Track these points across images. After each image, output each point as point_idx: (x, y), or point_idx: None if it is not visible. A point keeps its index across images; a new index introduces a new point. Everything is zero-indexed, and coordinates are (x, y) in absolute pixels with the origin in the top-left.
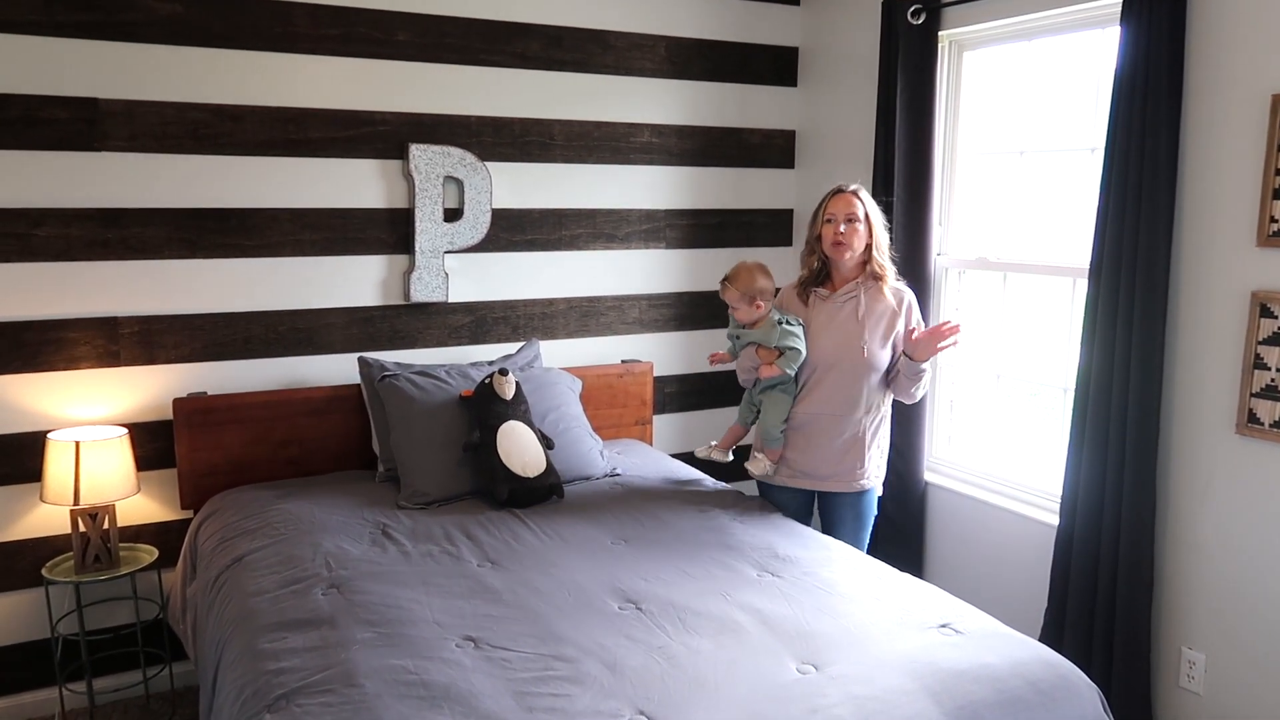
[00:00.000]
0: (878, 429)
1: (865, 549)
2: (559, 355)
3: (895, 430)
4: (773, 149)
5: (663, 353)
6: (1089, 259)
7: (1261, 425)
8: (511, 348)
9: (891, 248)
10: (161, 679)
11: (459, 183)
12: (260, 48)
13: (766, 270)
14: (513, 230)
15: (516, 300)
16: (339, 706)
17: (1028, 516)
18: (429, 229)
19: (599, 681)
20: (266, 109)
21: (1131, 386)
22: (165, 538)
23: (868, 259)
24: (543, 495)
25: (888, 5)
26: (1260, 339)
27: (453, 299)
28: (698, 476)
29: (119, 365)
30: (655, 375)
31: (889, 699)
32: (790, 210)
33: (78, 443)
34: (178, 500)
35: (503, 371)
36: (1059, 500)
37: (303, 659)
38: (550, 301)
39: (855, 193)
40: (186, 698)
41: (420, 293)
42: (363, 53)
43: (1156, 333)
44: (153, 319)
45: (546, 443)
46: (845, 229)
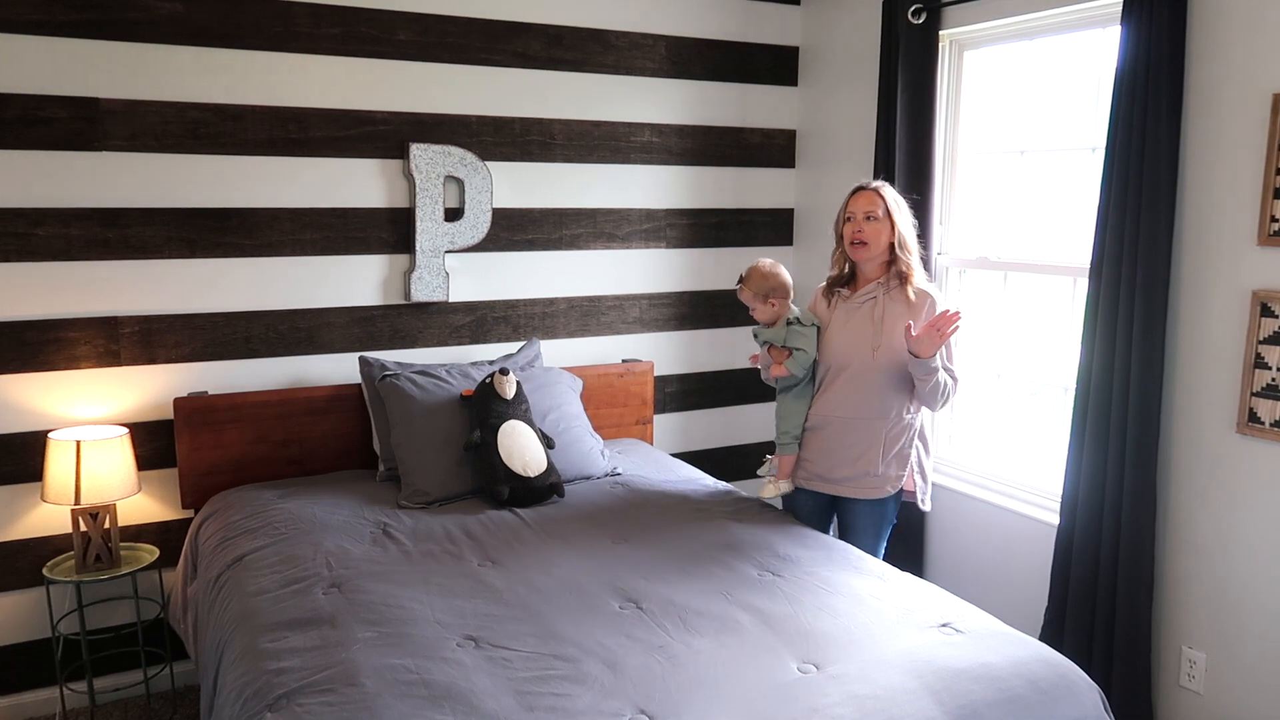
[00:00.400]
0: (899, 436)
1: (881, 557)
2: (559, 355)
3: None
4: (773, 148)
5: (663, 352)
6: (1089, 258)
7: (1262, 424)
8: (512, 347)
9: (921, 246)
10: (162, 678)
11: (459, 182)
12: (260, 47)
13: (779, 268)
14: (513, 230)
15: (517, 300)
16: (340, 706)
17: (1028, 516)
18: (429, 228)
19: (599, 681)
20: (267, 108)
21: (1132, 386)
22: (166, 537)
23: (892, 258)
24: (543, 495)
25: (888, 5)
26: (1261, 338)
27: (453, 298)
28: (698, 476)
29: (119, 365)
30: (656, 375)
31: (890, 698)
32: (790, 210)
33: (78, 442)
34: (178, 500)
35: (503, 371)
36: (1059, 499)
37: (303, 658)
38: (551, 301)
39: (877, 190)
40: (187, 697)
41: (421, 292)
42: (363, 52)
43: (1157, 332)
44: (153, 318)
45: (547, 442)
46: (864, 227)
